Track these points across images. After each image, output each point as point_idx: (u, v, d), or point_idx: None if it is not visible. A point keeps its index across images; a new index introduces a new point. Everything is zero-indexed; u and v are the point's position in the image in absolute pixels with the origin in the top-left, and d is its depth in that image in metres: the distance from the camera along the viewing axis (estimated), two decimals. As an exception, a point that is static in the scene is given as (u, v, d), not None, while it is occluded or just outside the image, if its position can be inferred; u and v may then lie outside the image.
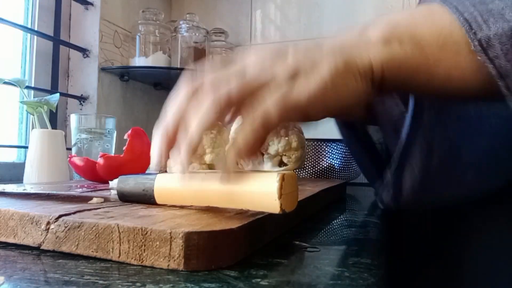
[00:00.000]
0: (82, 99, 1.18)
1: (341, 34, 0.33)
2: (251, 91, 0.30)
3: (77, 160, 0.61)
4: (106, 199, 0.38)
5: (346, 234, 0.39)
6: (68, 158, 0.63)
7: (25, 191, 0.42)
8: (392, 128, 0.58)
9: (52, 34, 1.12)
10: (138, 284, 0.22)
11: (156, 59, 1.26)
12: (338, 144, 1.00)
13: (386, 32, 0.31)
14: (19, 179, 0.89)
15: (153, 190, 0.35)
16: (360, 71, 0.31)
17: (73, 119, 0.81)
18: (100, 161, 0.58)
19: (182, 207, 0.34)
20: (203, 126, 0.30)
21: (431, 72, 0.30)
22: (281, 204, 0.28)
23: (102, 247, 0.26)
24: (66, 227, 0.27)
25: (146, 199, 0.35)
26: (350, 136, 0.69)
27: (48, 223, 0.28)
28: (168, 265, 0.25)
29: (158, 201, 0.35)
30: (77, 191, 0.45)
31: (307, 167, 1.02)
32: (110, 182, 0.43)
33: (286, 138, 0.68)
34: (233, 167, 0.31)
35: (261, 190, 0.29)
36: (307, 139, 0.87)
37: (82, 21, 1.19)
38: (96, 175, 0.59)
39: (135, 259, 0.25)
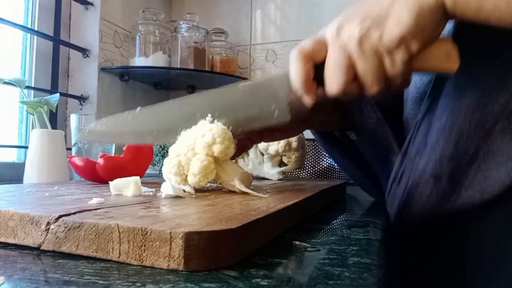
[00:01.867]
0: (82, 99, 1.18)
1: None
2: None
3: (77, 160, 0.61)
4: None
5: (346, 234, 0.39)
6: (68, 158, 0.63)
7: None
8: (368, 135, 0.58)
9: (52, 34, 1.12)
10: (138, 284, 0.22)
11: (156, 59, 1.26)
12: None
13: None
14: (19, 179, 0.89)
15: None
16: (435, 7, 0.36)
17: (73, 119, 0.81)
18: (100, 161, 0.58)
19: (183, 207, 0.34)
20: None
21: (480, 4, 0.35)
22: None
23: (102, 247, 0.26)
24: (66, 227, 0.27)
25: None
26: (333, 148, 0.69)
27: (48, 223, 0.28)
28: (168, 265, 0.25)
29: None
30: (77, 191, 0.45)
31: (307, 167, 1.02)
32: (110, 182, 0.44)
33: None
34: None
35: None
36: (307, 139, 0.88)
37: (82, 21, 1.19)
38: (96, 175, 0.59)
39: (135, 259, 0.25)
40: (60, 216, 0.28)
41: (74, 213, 0.29)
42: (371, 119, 0.57)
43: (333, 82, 0.40)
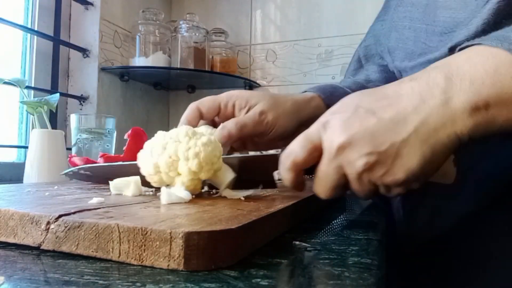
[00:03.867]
0: (82, 99, 1.18)
1: (422, 97, 0.33)
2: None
3: (77, 160, 0.61)
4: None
5: (346, 234, 0.39)
6: (68, 158, 0.63)
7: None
8: None
9: (52, 34, 1.12)
10: (138, 284, 0.22)
11: (156, 59, 1.26)
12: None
13: (473, 99, 0.31)
14: (19, 179, 0.89)
15: None
16: (450, 149, 0.32)
17: (73, 119, 0.81)
18: (100, 161, 0.58)
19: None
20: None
21: None
22: None
23: (102, 247, 0.26)
24: (66, 227, 0.27)
25: None
26: None
27: (48, 223, 0.28)
28: (168, 265, 0.25)
29: None
30: (77, 191, 0.45)
31: (307, 167, 1.02)
32: (110, 182, 0.44)
33: (286, 138, 0.67)
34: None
35: None
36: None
37: (82, 21, 1.19)
38: (96, 175, 0.59)
39: (135, 259, 0.25)
40: (60, 216, 0.28)
41: (74, 213, 0.29)
42: None
43: (321, 193, 0.38)
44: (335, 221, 0.48)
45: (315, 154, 0.37)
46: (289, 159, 0.38)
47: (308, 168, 0.39)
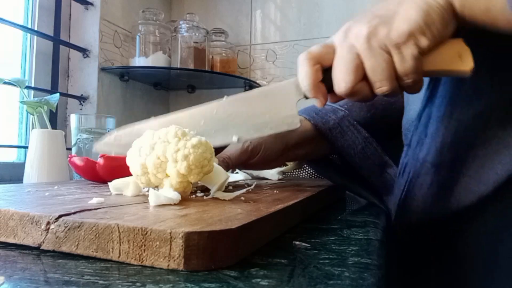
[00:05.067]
0: (82, 99, 1.18)
1: None
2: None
3: (77, 160, 0.61)
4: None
5: (346, 234, 0.39)
6: (68, 158, 0.63)
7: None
8: (359, 157, 0.57)
9: (52, 34, 1.12)
10: (138, 284, 0.22)
11: (156, 59, 1.26)
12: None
13: None
14: (19, 179, 0.89)
15: None
16: (442, 6, 0.37)
17: (73, 119, 0.81)
18: (100, 161, 0.58)
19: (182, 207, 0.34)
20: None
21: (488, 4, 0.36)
22: None
23: (102, 247, 0.26)
24: (66, 227, 0.27)
25: None
26: (327, 170, 0.68)
27: (48, 223, 0.28)
28: (168, 265, 0.25)
29: None
30: (77, 191, 0.45)
31: (307, 167, 1.02)
32: (109, 182, 0.43)
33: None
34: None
35: None
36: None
37: (82, 21, 1.19)
38: (96, 175, 0.59)
39: (135, 259, 0.25)
40: (60, 216, 0.28)
41: (74, 213, 0.29)
42: (358, 140, 0.57)
43: (341, 81, 0.41)
44: (335, 221, 0.48)
45: (330, 51, 0.42)
46: (305, 53, 0.43)
47: (326, 81, 0.42)
